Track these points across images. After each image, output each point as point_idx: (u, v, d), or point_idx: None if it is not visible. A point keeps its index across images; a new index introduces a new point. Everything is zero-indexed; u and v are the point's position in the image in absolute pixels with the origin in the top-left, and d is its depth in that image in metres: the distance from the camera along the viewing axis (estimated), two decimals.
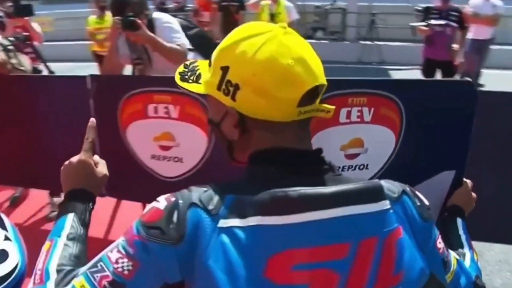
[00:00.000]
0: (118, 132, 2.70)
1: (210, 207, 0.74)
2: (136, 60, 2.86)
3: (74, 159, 1.02)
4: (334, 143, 1.78)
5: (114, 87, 2.64)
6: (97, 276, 0.73)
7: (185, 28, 2.95)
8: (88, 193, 0.99)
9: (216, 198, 0.75)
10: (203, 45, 3.11)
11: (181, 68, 0.94)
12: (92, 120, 1.07)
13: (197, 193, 0.77)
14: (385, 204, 0.75)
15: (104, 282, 0.72)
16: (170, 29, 2.82)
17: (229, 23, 6.74)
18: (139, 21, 2.60)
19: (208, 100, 0.89)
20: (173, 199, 0.77)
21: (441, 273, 0.86)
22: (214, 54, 0.86)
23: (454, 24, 5.83)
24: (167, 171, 2.70)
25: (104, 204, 1.70)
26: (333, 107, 0.82)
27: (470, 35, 6.39)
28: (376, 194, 0.75)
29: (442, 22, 5.81)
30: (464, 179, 1.35)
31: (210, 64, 0.88)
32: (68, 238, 0.87)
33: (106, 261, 0.75)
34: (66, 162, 1.03)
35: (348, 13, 10.85)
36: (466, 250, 1.09)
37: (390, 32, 10.54)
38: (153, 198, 0.85)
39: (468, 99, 1.52)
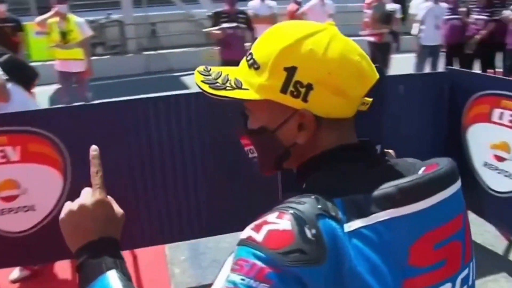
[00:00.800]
0: None
1: (333, 213, 0.68)
2: None
3: (87, 200, 0.80)
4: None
5: None
6: None
7: None
8: (113, 240, 0.79)
9: (330, 204, 0.69)
10: (17, 71, 2.72)
11: (200, 77, 0.82)
12: (95, 148, 0.84)
13: (311, 202, 0.69)
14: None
15: None
16: None
17: (6, 46, 5.95)
18: None
19: (257, 107, 0.81)
20: (291, 215, 0.67)
21: None
22: (269, 56, 0.77)
23: (243, 26, 6.25)
24: (15, 226, 2.27)
25: None
26: (371, 99, 0.84)
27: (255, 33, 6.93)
28: (457, 171, 0.79)
29: (233, 24, 6.17)
30: (385, 150, 1.47)
31: (256, 68, 0.79)
32: None
33: None
34: (74, 206, 0.80)
35: (126, 25, 10.66)
36: None
37: (173, 40, 10.75)
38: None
39: (380, 81, 1.67)
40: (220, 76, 0.82)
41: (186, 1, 11.37)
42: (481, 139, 2.84)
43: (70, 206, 0.80)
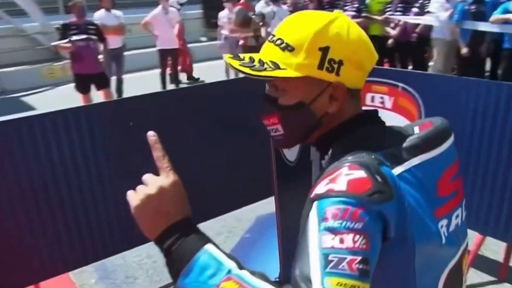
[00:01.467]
0: None
1: (385, 162, 0.83)
2: None
3: (163, 182, 0.79)
4: None
5: None
6: (343, 268, 0.69)
7: None
8: (191, 219, 0.81)
9: (378, 156, 0.84)
10: None
11: (236, 62, 0.91)
12: (153, 133, 0.84)
13: (367, 156, 0.83)
14: None
15: (354, 267, 0.69)
16: None
17: None
18: None
19: (294, 84, 0.91)
20: (361, 165, 0.80)
21: None
22: (304, 39, 0.89)
23: (94, 37, 5.98)
24: None
25: None
26: None
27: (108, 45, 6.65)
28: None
29: (83, 36, 5.86)
30: None
31: (290, 50, 0.90)
32: (240, 268, 0.74)
33: (335, 251, 0.70)
34: (151, 190, 0.79)
35: None
36: None
37: (3, 58, 9.71)
38: None
39: None
40: (254, 60, 0.92)
41: (14, 14, 10.40)
42: None
43: (145, 190, 0.79)
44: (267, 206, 3.68)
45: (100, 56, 6.17)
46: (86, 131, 2.38)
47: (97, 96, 6.40)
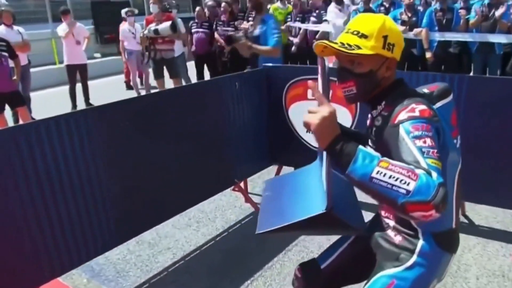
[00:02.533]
0: None
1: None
2: None
3: (330, 108, 1.24)
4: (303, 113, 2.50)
5: None
6: (431, 154, 1.21)
7: None
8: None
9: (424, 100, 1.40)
10: None
11: (335, 45, 1.39)
12: (311, 81, 1.35)
13: (420, 98, 1.40)
14: None
15: (435, 154, 1.22)
16: None
17: None
18: None
19: (367, 59, 1.42)
20: (422, 102, 1.34)
21: None
22: (373, 30, 1.41)
23: (6, 54, 5.79)
24: None
25: None
26: None
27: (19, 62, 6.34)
28: None
29: None
30: None
31: (365, 37, 1.42)
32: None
33: (424, 147, 1.22)
34: (325, 112, 1.22)
35: None
36: None
37: None
38: None
39: None
40: (344, 44, 1.39)
41: None
42: (301, 113, 3.66)
43: (320, 114, 1.23)
44: (223, 198, 4.04)
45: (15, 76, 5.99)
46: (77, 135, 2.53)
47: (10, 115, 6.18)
